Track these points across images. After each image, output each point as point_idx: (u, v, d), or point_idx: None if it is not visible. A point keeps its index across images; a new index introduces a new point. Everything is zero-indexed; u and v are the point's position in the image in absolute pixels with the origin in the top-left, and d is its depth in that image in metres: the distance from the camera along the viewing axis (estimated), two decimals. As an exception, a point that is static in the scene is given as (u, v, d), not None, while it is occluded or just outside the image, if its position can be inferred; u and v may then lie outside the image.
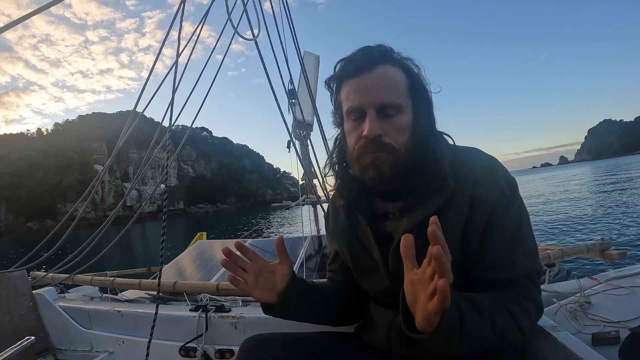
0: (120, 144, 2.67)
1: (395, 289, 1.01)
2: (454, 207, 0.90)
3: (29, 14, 1.68)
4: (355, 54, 0.95)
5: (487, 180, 0.91)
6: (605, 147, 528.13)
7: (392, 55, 0.95)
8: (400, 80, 0.93)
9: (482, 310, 0.80)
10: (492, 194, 0.90)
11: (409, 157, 0.93)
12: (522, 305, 0.87)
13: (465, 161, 0.94)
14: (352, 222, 1.07)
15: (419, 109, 0.95)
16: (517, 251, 0.90)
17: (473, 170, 0.92)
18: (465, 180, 0.91)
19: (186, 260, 3.14)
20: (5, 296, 2.05)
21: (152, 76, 2.67)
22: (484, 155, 0.97)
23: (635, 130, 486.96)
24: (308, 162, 3.98)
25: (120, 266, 3.79)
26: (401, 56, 0.96)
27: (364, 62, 0.92)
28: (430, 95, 0.98)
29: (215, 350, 1.68)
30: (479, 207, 0.89)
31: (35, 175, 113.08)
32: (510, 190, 0.92)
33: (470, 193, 0.90)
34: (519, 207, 0.92)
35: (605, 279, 1.54)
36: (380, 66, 0.92)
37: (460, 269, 0.91)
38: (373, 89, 0.91)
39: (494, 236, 0.90)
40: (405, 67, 0.95)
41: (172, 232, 5.90)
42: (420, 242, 0.93)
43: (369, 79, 0.91)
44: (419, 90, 0.95)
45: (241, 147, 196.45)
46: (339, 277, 1.22)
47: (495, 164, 0.95)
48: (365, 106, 0.91)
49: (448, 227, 0.89)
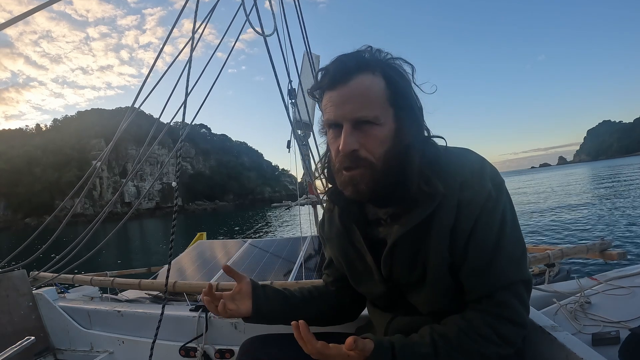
0: (116, 138, 2.66)
1: (390, 293, 1.01)
2: (443, 212, 0.88)
3: (31, 10, 1.67)
4: (330, 65, 0.91)
5: (474, 183, 0.88)
6: (605, 148, 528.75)
7: (370, 63, 0.89)
8: (377, 90, 0.88)
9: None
10: (479, 197, 0.87)
11: (389, 169, 0.90)
12: (496, 331, 0.86)
13: (453, 164, 0.91)
14: (346, 227, 1.07)
15: (402, 117, 0.90)
16: (499, 256, 0.87)
17: (461, 173, 0.90)
18: (453, 183, 0.88)
19: (186, 260, 3.14)
20: (5, 296, 2.05)
21: (152, 73, 2.67)
22: (473, 157, 0.94)
23: (634, 132, 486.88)
24: (308, 161, 3.97)
25: (118, 263, 3.79)
26: (385, 60, 0.92)
27: (337, 74, 0.89)
28: (417, 100, 0.93)
29: (215, 351, 1.68)
30: (465, 211, 0.87)
31: (34, 172, 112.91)
32: (496, 193, 0.89)
33: (457, 197, 0.88)
34: (503, 210, 0.89)
35: (605, 279, 1.54)
36: (355, 77, 0.87)
37: (451, 273, 0.91)
38: (347, 102, 0.87)
39: (477, 240, 0.87)
40: (386, 73, 0.90)
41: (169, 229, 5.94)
42: (411, 248, 0.93)
43: (343, 92, 0.88)
44: (402, 96, 0.90)
45: (240, 144, 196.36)
46: (331, 280, 1.23)
47: (484, 166, 0.92)
48: (341, 120, 0.88)
49: (438, 231, 0.88)
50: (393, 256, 0.96)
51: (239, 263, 2.86)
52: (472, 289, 0.90)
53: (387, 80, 0.89)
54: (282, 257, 2.86)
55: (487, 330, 0.85)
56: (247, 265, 2.80)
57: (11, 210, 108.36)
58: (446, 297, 0.93)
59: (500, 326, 0.86)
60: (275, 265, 2.73)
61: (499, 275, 0.87)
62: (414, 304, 0.99)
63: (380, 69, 0.90)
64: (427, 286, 0.93)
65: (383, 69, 0.90)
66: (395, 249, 0.94)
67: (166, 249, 1.63)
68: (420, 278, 0.93)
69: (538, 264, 2.15)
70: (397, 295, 1.01)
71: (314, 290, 1.23)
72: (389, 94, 0.89)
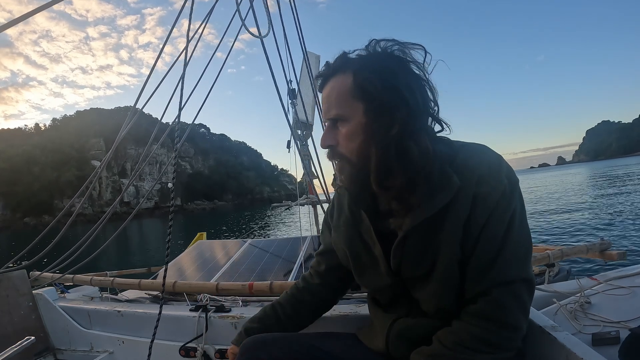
0: (119, 140, 2.66)
1: (395, 286, 1.01)
2: (458, 205, 0.89)
3: (32, 11, 1.67)
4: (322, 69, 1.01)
5: (491, 178, 0.89)
6: (604, 148, 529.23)
7: (344, 64, 0.95)
8: (343, 89, 0.93)
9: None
10: (495, 192, 0.88)
11: (363, 163, 0.92)
12: (485, 341, 0.86)
13: (471, 158, 0.92)
14: (355, 217, 1.07)
15: (372, 110, 0.90)
16: (504, 251, 0.88)
17: (478, 168, 0.90)
18: (470, 177, 0.89)
19: (186, 260, 3.14)
20: (5, 296, 2.05)
21: (153, 73, 2.66)
22: (491, 153, 0.95)
23: (633, 132, 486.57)
24: (308, 162, 3.97)
25: (118, 263, 3.79)
26: (369, 54, 0.93)
27: (320, 79, 0.99)
28: (409, 91, 0.89)
29: (215, 351, 1.68)
30: (481, 205, 0.88)
31: (33, 171, 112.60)
32: (510, 190, 0.90)
33: (474, 190, 0.88)
34: (514, 208, 0.90)
35: (605, 279, 1.54)
36: (331, 80, 0.96)
37: (459, 268, 0.91)
38: (324, 103, 0.98)
39: (487, 235, 0.88)
40: (356, 71, 0.91)
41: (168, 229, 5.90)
42: (423, 240, 0.93)
43: (323, 94, 0.99)
44: (370, 91, 0.90)
45: (239, 144, 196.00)
46: (323, 269, 1.26)
47: (501, 163, 0.92)
48: (324, 119, 1.00)
49: (451, 225, 0.89)
50: (403, 248, 0.96)
51: (239, 263, 2.86)
52: (472, 283, 0.90)
53: (355, 77, 0.92)
54: (282, 257, 2.86)
55: (475, 343, 0.86)
56: (247, 265, 2.80)
57: (10, 210, 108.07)
58: (451, 294, 0.93)
59: (490, 335, 0.86)
60: (275, 265, 2.73)
61: (500, 271, 0.88)
62: (418, 300, 0.99)
63: (353, 67, 0.93)
64: (434, 281, 0.93)
65: (356, 67, 0.93)
66: (407, 241, 0.95)
67: (164, 248, 1.63)
68: (428, 272, 0.93)
69: (538, 264, 2.15)
70: (401, 290, 1.01)
71: (296, 304, 1.28)
72: (354, 90, 0.92)
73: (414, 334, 0.99)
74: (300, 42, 3.54)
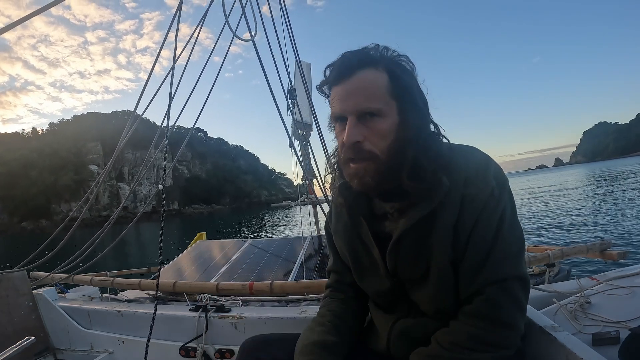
0: (119, 148, 2.66)
1: (394, 289, 1.01)
2: (447, 207, 0.89)
3: (29, 15, 1.68)
4: (336, 61, 0.95)
5: (478, 180, 0.90)
6: (601, 150, 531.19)
7: (373, 58, 0.92)
8: (380, 84, 0.91)
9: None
10: (482, 193, 0.89)
11: (393, 162, 0.91)
12: (482, 341, 0.86)
13: (459, 160, 0.93)
14: (353, 221, 1.07)
15: (406, 111, 0.92)
16: (495, 251, 0.88)
17: (466, 169, 0.91)
18: (458, 178, 0.90)
19: (186, 260, 3.14)
20: (5, 296, 2.04)
21: (152, 77, 2.67)
22: (478, 154, 0.96)
23: (630, 133, 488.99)
24: (308, 162, 3.98)
25: (116, 266, 3.78)
26: (389, 56, 0.94)
27: (342, 69, 0.92)
28: (422, 96, 0.95)
29: (215, 350, 1.68)
30: (469, 207, 0.89)
31: (30, 175, 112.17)
32: (499, 191, 0.90)
33: (461, 192, 0.89)
34: (504, 208, 0.90)
35: (605, 279, 1.55)
36: (359, 72, 0.91)
37: (453, 270, 0.91)
38: (351, 96, 0.91)
39: (477, 236, 0.89)
40: (389, 68, 0.92)
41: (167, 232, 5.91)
42: (416, 243, 0.93)
43: (347, 86, 0.91)
44: (405, 91, 0.92)
45: (236, 147, 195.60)
46: (346, 277, 1.16)
47: (489, 163, 0.93)
48: (346, 113, 0.92)
49: (442, 227, 0.89)
50: (398, 250, 0.96)
51: (239, 263, 2.86)
52: (466, 284, 0.90)
53: (390, 75, 0.92)
54: (282, 257, 2.86)
55: (472, 343, 0.86)
56: (247, 265, 2.80)
57: (7, 214, 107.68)
58: (449, 295, 0.93)
59: (486, 334, 0.86)
60: (275, 265, 2.73)
61: (492, 270, 0.88)
62: (417, 302, 0.99)
63: (384, 64, 0.92)
64: (431, 283, 0.93)
65: (386, 64, 0.92)
66: (400, 243, 0.95)
67: (164, 252, 1.64)
68: (424, 274, 0.94)
69: (538, 264, 2.16)
70: (401, 292, 1.01)
71: (340, 324, 1.10)
72: (391, 87, 0.91)
73: (415, 334, 0.99)
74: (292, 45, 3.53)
